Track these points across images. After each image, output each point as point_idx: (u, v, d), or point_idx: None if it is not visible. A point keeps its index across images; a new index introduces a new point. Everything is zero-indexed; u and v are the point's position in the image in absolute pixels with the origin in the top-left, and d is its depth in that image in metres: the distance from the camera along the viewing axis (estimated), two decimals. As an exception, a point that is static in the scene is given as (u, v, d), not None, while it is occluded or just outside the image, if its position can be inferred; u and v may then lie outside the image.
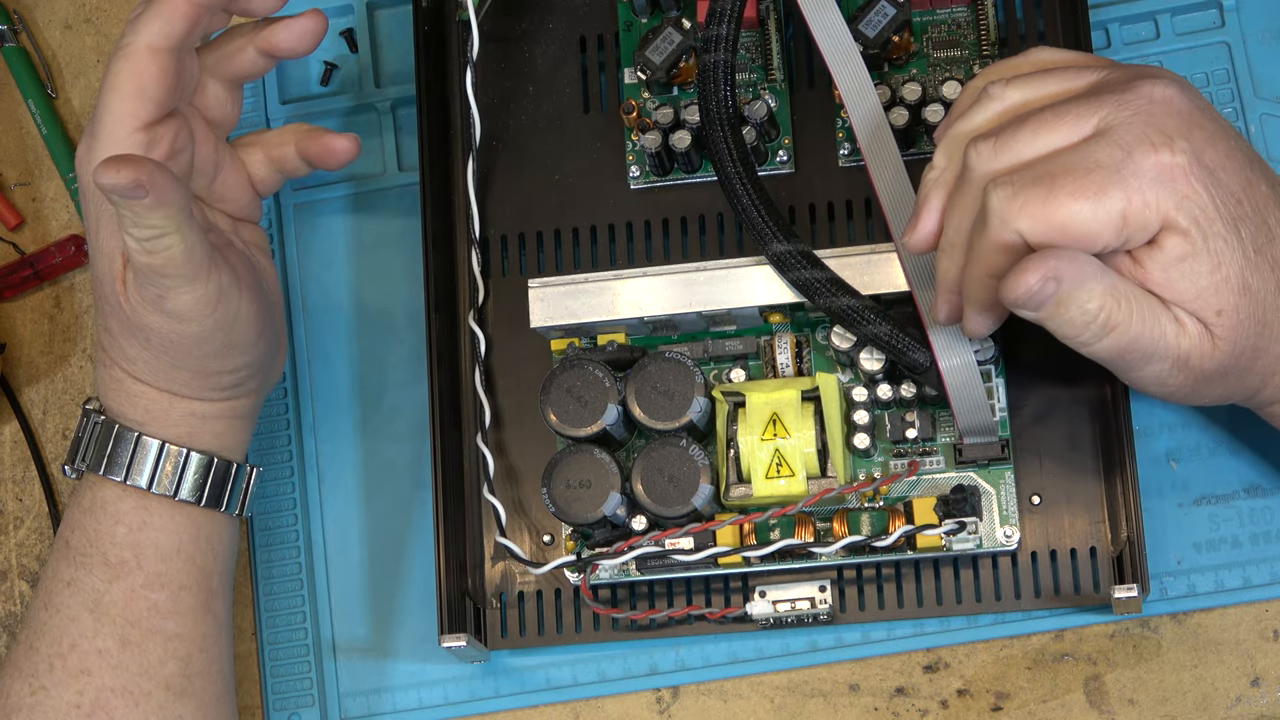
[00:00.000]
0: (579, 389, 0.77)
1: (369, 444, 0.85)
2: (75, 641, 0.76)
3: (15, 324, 0.90)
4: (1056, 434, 0.78)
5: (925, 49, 0.81)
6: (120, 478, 0.76)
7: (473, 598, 0.81)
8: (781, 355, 0.78)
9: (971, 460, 0.77)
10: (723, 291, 0.77)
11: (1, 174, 0.91)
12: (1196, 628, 0.78)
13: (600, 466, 0.76)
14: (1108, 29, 0.83)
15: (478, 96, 0.82)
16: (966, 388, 0.74)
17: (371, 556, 0.83)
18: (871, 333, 0.74)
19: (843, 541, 0.75)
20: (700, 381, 0.76)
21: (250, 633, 0.84)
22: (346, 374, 0.86)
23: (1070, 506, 0.77)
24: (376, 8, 0.89)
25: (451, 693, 0.82)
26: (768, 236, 0.75)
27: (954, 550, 0.76)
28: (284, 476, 0.85)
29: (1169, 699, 0.77)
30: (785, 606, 0.77)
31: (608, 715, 0.81)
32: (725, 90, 0.76)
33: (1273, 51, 0.82)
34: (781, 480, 0.75)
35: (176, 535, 0.77)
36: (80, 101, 0.91)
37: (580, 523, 0.76)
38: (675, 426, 0.76)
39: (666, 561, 0.76)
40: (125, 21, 0.91)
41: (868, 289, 0.75)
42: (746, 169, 0.76)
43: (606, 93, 0.84)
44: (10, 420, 0.88)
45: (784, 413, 0.75)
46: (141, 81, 0.74)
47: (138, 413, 0.77)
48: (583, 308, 0.78)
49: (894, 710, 0.79)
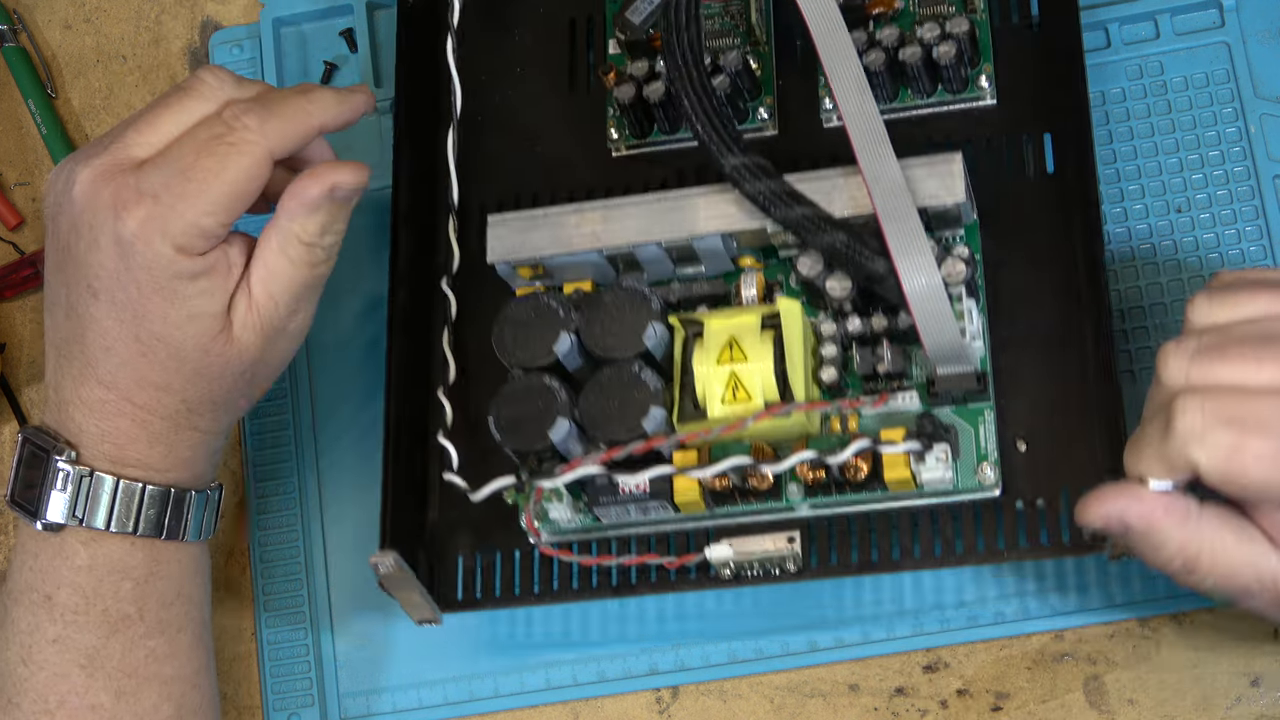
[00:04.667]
0: (533, 319, 0.75)
1: (370, 444, 0.84)
2: (64, 698, 0.73)
3: (15, 324, 0.90)
4: (1044, 383, 0.75)
5: (910, 7, 0.80)
6: (175, 535, 0.74)
7: (427, 553, 0.79)
8: (748, 292, 0.76)
9: (946, 394, 0.74)
10: (685, 219, 0.75)
11: (1, 174, 0.92)
12: (1196, 628, 0.78)
13: (549, 393, 0.73)
14: (1107, 29, 0.83)
15: (460, 69, 0.81)
16: (930, 301, 0.71)
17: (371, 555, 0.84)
18: (828, 242, 0.72)
19: (797, 456, 0.72)
20: (656, 308, 0.74)
21: (250, 633, 0.84)
22: (346, 374, 0.86)
23: (1058, 451, 0.74)
24: (377, 8, 0.89)
25: (451, 692, 0.82)
26: (722, 150, 0.74)
27: (926, 486, 0.73)
28: (284, 476, 0.85)
29: (1169, 699, 0.77)
30: (748, 554, 0.74)
31: (607, 715, 0.81)
32: (686, 11, 0.75)
33: (1273, 51, 0.82)
34: (739, 405, 0.72)
35: (180, 579, 0.76)
36: (80, 101, 0.91)
37: (527, 450, 0.74)
38: (631, 355, 0.74)
39: (619, 497, 0.74)
40: (125, 22, 0.91)
41: (835, 212, 0.73)
42: (703, 86, 0.74)
43: (593, 68, 0.84)
44: (10, 420, 0.88)
45: (742, 337, 0.73)
46: (253, 185, 0.72)
47: (158, 463, 0.74)
48: (543, 239, 0.76)
49: (894, 710, 0.79)
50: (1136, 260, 0.81)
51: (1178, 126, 0.82)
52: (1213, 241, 0.80)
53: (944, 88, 0.79)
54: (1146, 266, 0.80)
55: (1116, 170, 0.81)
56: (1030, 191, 0.78)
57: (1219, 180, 0.81)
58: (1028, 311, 0.76)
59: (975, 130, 0.79)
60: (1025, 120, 0.79)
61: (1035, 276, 0.77)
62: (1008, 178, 0.78)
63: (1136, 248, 0.81)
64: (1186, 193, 0.81)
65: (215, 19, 0.91)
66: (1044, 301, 0.76)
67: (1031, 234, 0.77)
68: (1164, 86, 0.82)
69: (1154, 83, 0.82)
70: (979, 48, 0.79)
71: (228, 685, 0.84)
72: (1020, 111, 0.79)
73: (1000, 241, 0.77)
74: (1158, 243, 0.81)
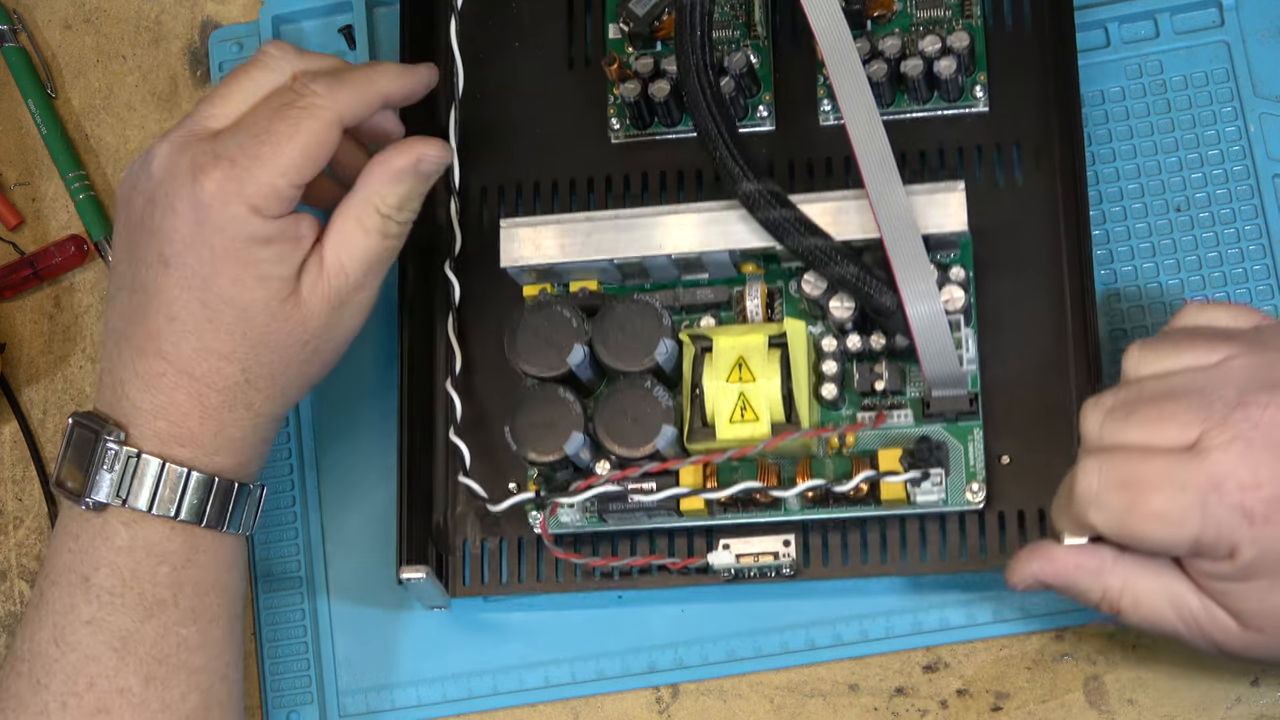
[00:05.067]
0: (546, 330, 0.76)
1: (370, 442, 0.85)
2: (94, 680, 0.74)
3: (15, 324, 0.90)
4: (1029, 393, 0.77)
5: (908, 9, 0.81)
6: (214, 525, 0.75)
7: (436, 544, 0.81)
8: (752, 302, 0.78)
9: (939, 414, 0.76)
10: (695, 234, 0.76)
11: (1, 174, 0.92)
12: (1196, 627, 0.78)
13: (564, 406, 0.76)
14: (1107, 28, 0.83)
15: (462, 48, 0.82)
16: (933, 334, 0.73)
17: (371, 555, 0.83)
18: (839, 274, 0.74)
19: (804, 484, 0.75)
20: (667, 324, 0.76)
21: (250, 632, 0.84)
22: (346, 373, 0.86)
23: (1041, 467, 0.77)
24: (376, 5, 0.89)
25: (450, 691, 0.82)
26: (738, 175, 0.75)
27: (918, 503, 0.76)
28: (283, 474, 0.85)
29: (1169, 699, 0.77)
30: (748, 559, 0.77)
31: (607, 714, 0.81)
32: (701, 31, 0.76)
33: (1272, 51, 0.82)
34: (746, 425, 0.74)
35: (216, 569, 0.76)
36: (80, 101, 0.91)
37: (542, 461, 0.76)
38: (641, 369, 0.76)
39: (629, 505, 0.76)
40: (125, 22, 0.91)
41: (840, 235, 0.74)
42: (720, 109, 0.75)
43: (592, 49, 0.84)
44: (10, 420, 0.88)
45: (750, 357, 0.75)
46: (324, 149, 0.74)
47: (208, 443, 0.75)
48: (554, 248, 0.77)
49: (894, 710, 0.79)
50: (1136, 259, 0.81)
51: (1177, 126, 0.81)
52: (1212, 241, 0.80)
53: (939, 95, 0.80)
54: (1145, 265, 0.80)
55: (1116, 170, 0.81)
56: (1019, 200, 0.79)
57: (1218, 180, 0.81)
58: (1014, 323, 0.78)
59: (967, 137, 0.80)
60: (1016, 128, 0.80)
61: (1023, 287, 0.78)
62: (998, 185, 0.80)
63: (1136, 247, 0.81)
64: (1186, 192, 0.81)
65: (215, 18, 0.91)
66: (1032, 311, 0.78)
67: (1020, 243, 0.79)
68: (1163, 86, 0.82)
69: (1153, 82, 0.82)
70: (975, 56, 0.80)
71: (227, 684, 0.84)
72: (1012, 119, 0.80)
73: (989, 249, 0.78)
74: (1157, 242, 0.81)
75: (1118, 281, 0.80)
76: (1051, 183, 0.79)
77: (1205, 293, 0.80)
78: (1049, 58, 0.80)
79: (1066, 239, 0.78)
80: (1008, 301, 0.78)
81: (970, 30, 0.79)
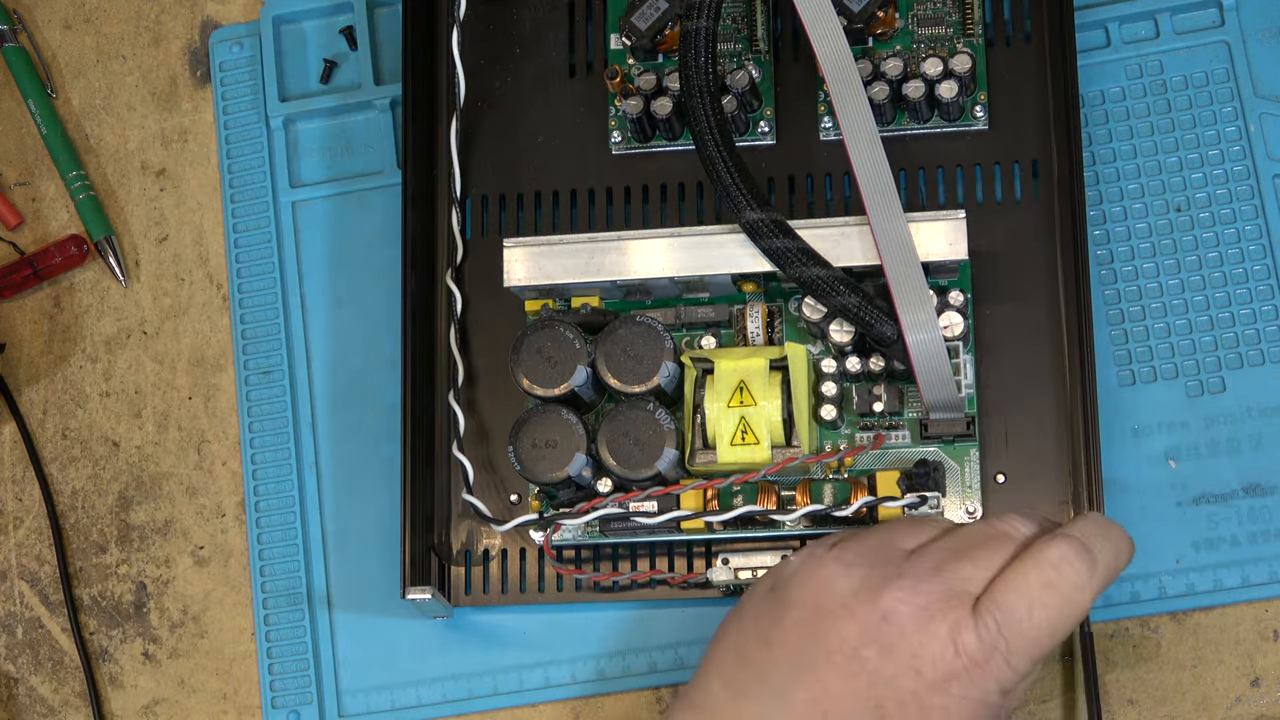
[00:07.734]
0: (549, 349, 0.77)
1: (370, 442, 0.85)
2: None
3: (15, 324, 0.90)
4: (1024, 413, 0.78)
5: (910, 25, 0.81)
6: None
7: (438, 554, 0.81)
8: (752, 324, 0.78)
9: (937, 436, 0.77)
10: (697, 258, 0.77)
11: (1, 174, 0.92)
12: (1196, 627, 0.78)
13: (567, 427, 0.76)
14: (1107, 28, 0.83)
15: (464, 57, 0.82)
16: (933, 363, 0.74)
17: (371, 556, 0.83)
18: (840, 304, 0.74)
19: (804, 510, 0.76)
20: (670, 346, 0.76)
21: (250, 633, 0.84)
22: (347, 372, 0.86)
23: (1034, 486, 0.77)
24: (377, 6, 0.89)
25: (450, 690, 0.82)
26: (741, 204, 0.75)
27: None
28: (284, 475, 0.85)
29: (1169, 699, 0.77)
30: (746, 574, 0.78)
31: (607, 715, 0.81)
32: (705, 57, 0.77)
33: (1272, 51, 0.82)
34: (746, 448, 0.75)
35: None
36: (80, 101, 0.91)
37: (545, 482, 0.77)
38: (643, 390, 0.76)
39: (630, 524, 0.77)
40: (125, 22, 0.91)
41: (840, 261, 0.75)
42: (723, 136, 0.76)
43: (593, 58, 0.85)
44: (9, 420, 0.88)
45: (751, 381, 0.75)
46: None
47: None
48: (557, 269, 0.78)
49: (893, 710, 0.79)
50: (1136, 259, 0.81)
51: (1177, 126, 0.82)
52: (1212, 241, 0.80)
53: (939, 114, 0.81)
54: (1145, 265, 0.80)
55: (1116, 170, 0.81)
56: (1018, 218, 0.80)
57: (1218, 180, 0.81)
58: (1011, 341, 0.78)
59: (967, 156, 0.81)
60: (1016, 147, 0.80)
61: (1021, 305, 0.79)
62: (997, 203, 0.80)
63: (1136, 247, 0.81)
64: (1186, 192, 0.81)
65: (215, 18, 0.91)
66: (1029, 329, 0.79)
67: (1018, 261, 0.79)
68: (1164, 86, 0.82)
69: (1154, 82, 0.82)
70: (976, 76, 0.80)
71: (228, 685, 0.84)
72: (1012, 138, 0.80)
73: (987, 268, 0.79)
74: (1157, 242, 0.81)
75: (1118, 281, 0.80)
76: (1050, 201, 0.79)
77: (1205, 293, 0.80)
78: (1049, 76, 0.80)
79: (1064, 257, 0.79)
80: (1005, 320, 0.79)
81: (972, 51, 0.80)
